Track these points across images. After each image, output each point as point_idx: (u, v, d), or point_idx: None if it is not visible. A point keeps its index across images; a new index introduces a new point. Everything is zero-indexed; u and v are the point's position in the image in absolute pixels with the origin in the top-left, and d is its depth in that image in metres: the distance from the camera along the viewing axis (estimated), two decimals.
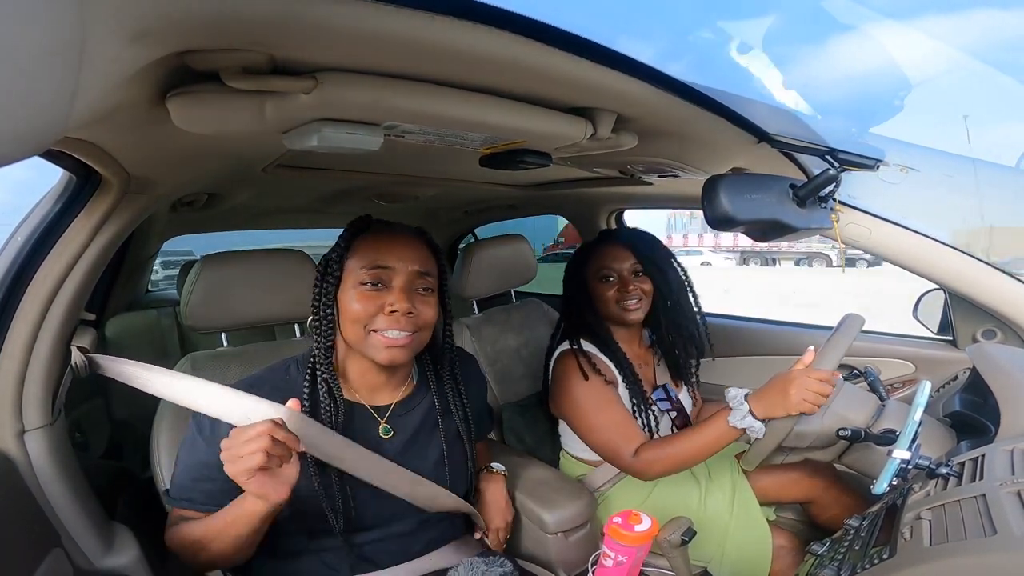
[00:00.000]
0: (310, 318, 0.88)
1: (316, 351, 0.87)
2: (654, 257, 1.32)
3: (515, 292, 1.74)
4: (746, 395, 0.99)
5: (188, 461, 0.83)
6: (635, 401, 1.25)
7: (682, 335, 1.35)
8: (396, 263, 0.85)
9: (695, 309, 1.36)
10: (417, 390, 0.96)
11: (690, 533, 1.09)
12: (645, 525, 0.87)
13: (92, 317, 0.98)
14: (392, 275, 0.84)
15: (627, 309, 1.26)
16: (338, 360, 0.91)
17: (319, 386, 0.86)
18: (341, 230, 0.90)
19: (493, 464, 1.13)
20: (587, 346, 1.29)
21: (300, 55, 0.54)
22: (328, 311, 0.86)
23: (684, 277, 1.35)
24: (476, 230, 2.57)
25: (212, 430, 0.81)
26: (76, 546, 0.84)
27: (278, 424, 0.70)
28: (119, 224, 0.86)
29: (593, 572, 0.92)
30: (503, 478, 1.11)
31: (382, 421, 0.91)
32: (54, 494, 0.83)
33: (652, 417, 1.25)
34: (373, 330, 0.83)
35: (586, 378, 1.21)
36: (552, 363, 1.32)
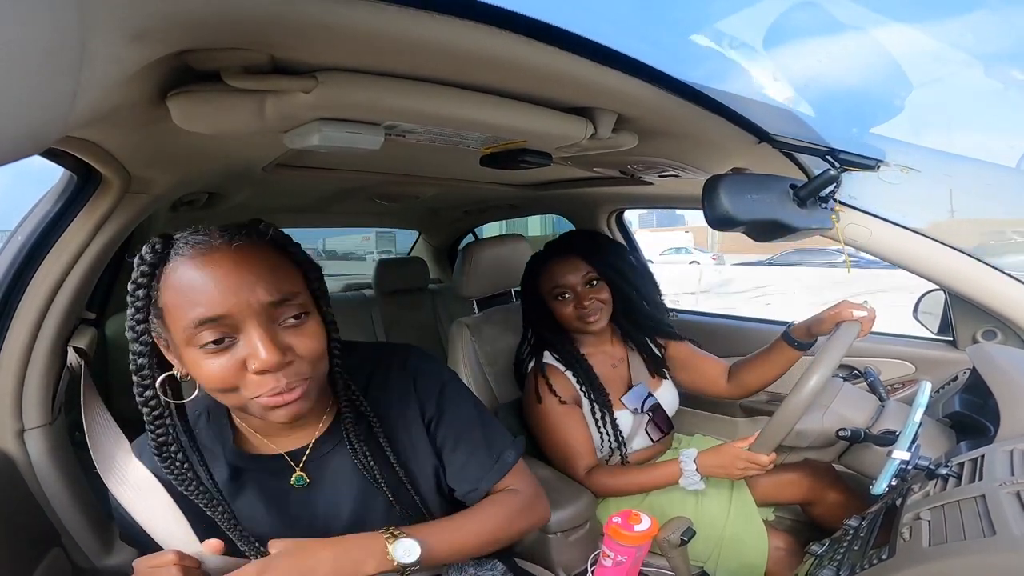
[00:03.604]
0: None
1: (158, 431, 0.63)
2: (607, 259, 1.30)
3: (515, 292, 1.74)
4: (695, 457, 1.12)
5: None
6: (597, 417, 1.25)
7: (651, 328, 1.38)
8: (232, 302, 0.57)
9: (657, 295, 1.40)
10: (339, 418, 0.73)
11: (689, 533, 1.10)
12: (645, 525, 0.87)
13: (92, 316, 0.97)
14: (236, 321, 0.58)
15: (587, 322, 1.26)
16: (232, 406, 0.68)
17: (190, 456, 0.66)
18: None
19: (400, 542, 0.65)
20: (551, 360, 1.30)
21: (301, 55, 0.54)
22: (150, 391, 0.62)
23: (642, 267, 1.38)
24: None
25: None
26: (76, 545, 0.84)
27: (182, 555, 0.59)
28: (119, 223, 0.87)
29: (593, 572, 0.92)
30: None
31: (297, 469, 0.71)
32: (54, 493, 0.84)
33: (618, 433, 1.25)
34: (253, 399, 0.60)
35: (539, 401, 1.24)
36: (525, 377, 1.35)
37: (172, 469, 0.63)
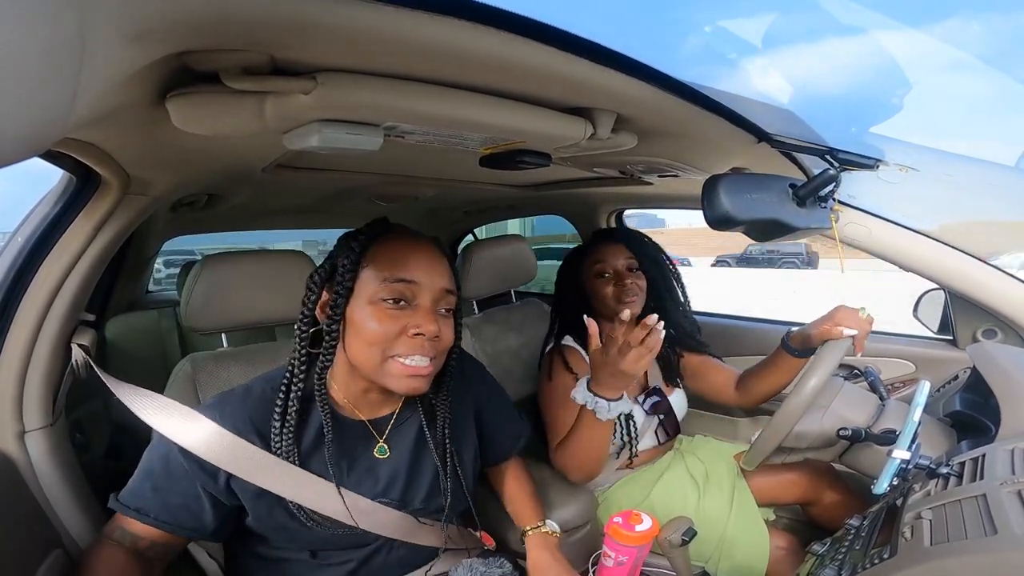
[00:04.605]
0: (301, 330, 0.77)
1: (319, 367, 0.77)
2: (649, 253, 1.35)
3: (515, 292, 1.74)
4: (586, 384, 1.02)
5: (153, 470, 0.75)
6: None
7: (675, 339, 1.39)
8: (423, 278, 0.74)
9: (686, 305, 1.40)
10: (409, 401, 0.88)
11: (691, 533, 1.09)
12: (646, 525, 0.87)
13: (92, 318, 0.97)
14: (417, 292, 0.74)
15: (625, 301, 1.28)
16: (334, 373, 0.82)
17: (320, 407, 0.78)
18: (341, 230, 0.83)
19: (547, 522, 0.99)
20: (572, 343, 1.31)
21: (300, 55, 0.54)
22: (336, 325, 0.75)
23: (674, 273, 1.38)
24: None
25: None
26: (77, 547, 0.84)
27: None
28: (119, 225, 0.87)
29: (594, 572, 0.92)
30: (555, 540, 0.98)
31: (380, 440, 0.84)
32: (55, 495, 0.83)
33: (632, 425, 1.24)
34: (392, 356, 0.73)
35: (550, 379, 1.25)
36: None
37: (285, 397, 0.76)
